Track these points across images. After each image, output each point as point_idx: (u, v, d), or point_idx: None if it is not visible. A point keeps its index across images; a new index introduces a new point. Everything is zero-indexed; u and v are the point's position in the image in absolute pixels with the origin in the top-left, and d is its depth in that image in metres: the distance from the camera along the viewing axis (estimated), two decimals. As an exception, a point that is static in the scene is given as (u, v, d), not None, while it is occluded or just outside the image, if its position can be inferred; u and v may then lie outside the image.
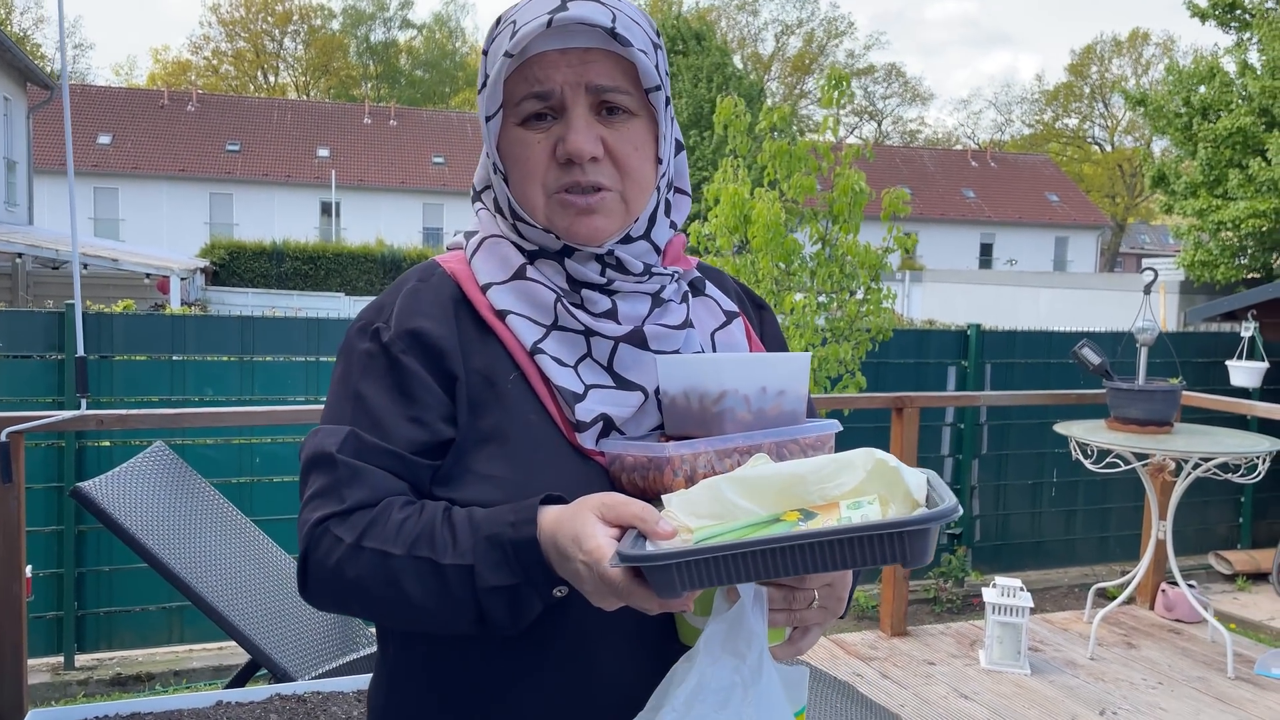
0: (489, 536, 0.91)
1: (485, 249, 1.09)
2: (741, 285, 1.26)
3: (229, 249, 23.31)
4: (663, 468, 0.94)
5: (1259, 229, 13.10)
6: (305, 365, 5.03)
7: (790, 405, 1.02)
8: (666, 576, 0.80)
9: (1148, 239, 53.43)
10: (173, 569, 2.30)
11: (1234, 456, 3.92)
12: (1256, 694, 3.87)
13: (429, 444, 1.01)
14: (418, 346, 1.02)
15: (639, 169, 1.06)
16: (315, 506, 0.98)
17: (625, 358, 1.05)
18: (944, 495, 0.84)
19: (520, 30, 1.01)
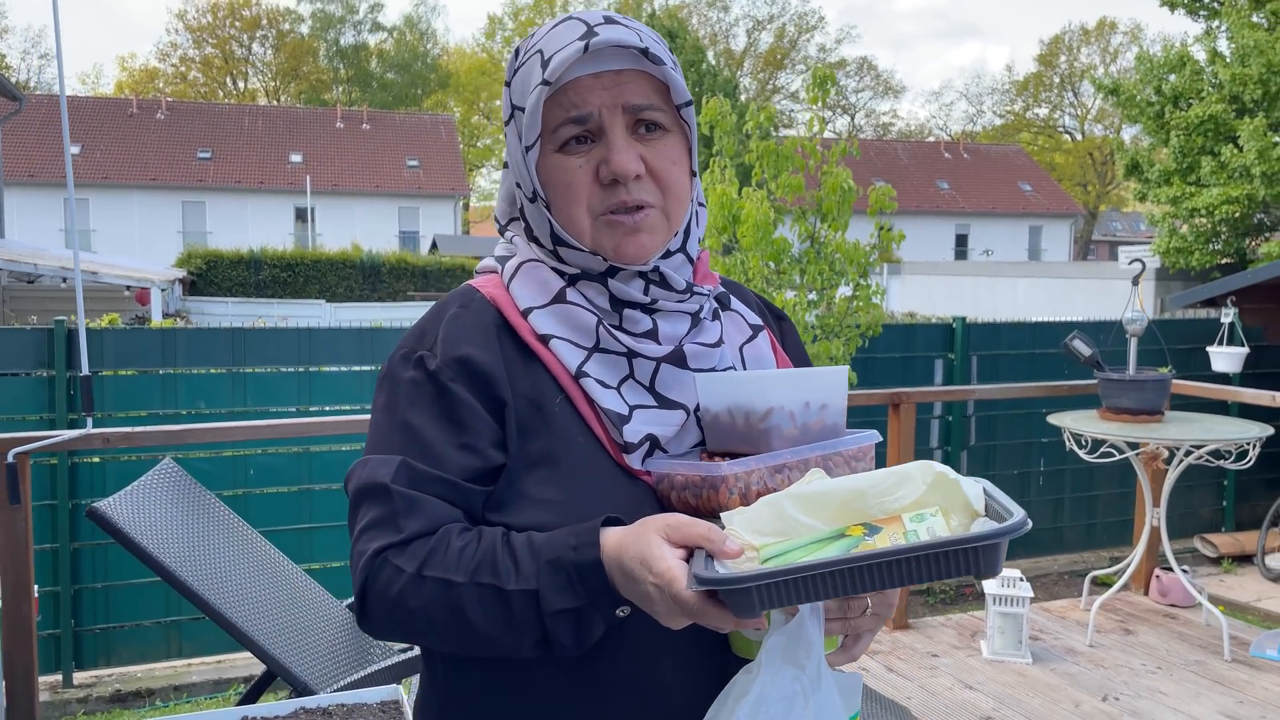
0: (551, 561, 0.92)
1: (523, 273, 1.09)
2: (760, 298, 1.27)
3: (206, 258, 23.12)
4: (717, 486, 0.94)
5: (1232, 215, 13.29)
6: (297, 376, 5.02)
7: (832, 418, 1.03)
8: (747, 598, 0.81)
9: (1120, 226, 53.96)
10: (191, 586, 2.30)
11: (1225, 443, 3.99)
12: (1253, 675, 3.94)
13: (481, 470, 1.01)
14: (466, 374, 1.02)
15: (678, 183, 1.08)
16: (371, 537, 0.98)
17: (666, 377, 1.07)
18: (1006, 504, 0.86)
19: (554, 58, 1.02)
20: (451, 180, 36.18)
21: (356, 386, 5.01)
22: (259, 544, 2.80)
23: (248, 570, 2.60)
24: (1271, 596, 5.23)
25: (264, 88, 50.92)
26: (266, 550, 2.82)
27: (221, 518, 2.73)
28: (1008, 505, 0.86)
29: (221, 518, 2.73)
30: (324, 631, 2.68)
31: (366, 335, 5.14)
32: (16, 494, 2.63)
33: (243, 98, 48.81)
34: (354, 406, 4.93)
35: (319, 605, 2.80)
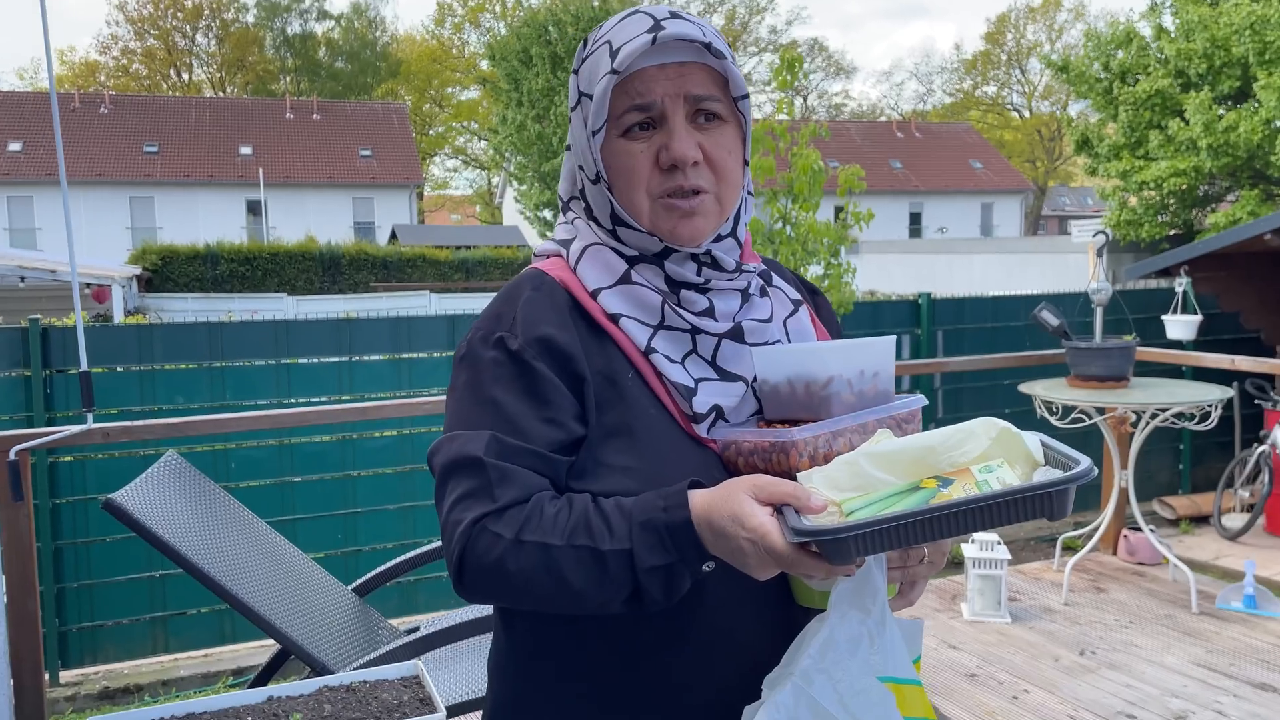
0: (643, 522, 0.99)
1: (589, 256, 1.17)
2: (796, 274, 1.36)
3: (161, 254, 22.73)
4: (788, 450, 1.02)
5: (1179, 187, 13.61)
6: (274, 368, 5.02)
7: (884, 385, 1.12)
8: (844, 547, 0.89)
9: (1068, 201, 54.85)
10: (211, 575, 2.33)
11: (1190, 405, 4.15)
12: (1220, 625, 4.12)
13: (564, 442, 1.08)
14: (547, 352, 1.09)
15: (732, 171, 1.15)
16: (466, 507, 1.04)
17: (726, 352, 1.15)
18: (1067, 453, 0.95)
19: (623, 49, 1.10)
20: (405, 169, 35.86)
21: (334, 377, 5.02)
22: (266, 532, 2.84)
23: (259, 557, 2.64)
24: (1229, 554, 5.43)
25: (209, 79, 49.99)
26: (274, 538, 2.86)
27: (229, 507, 2.77)
28: (1069, 453, 0.95)
29: (229, 507, 2.77)
30: (335, 615, 2.73)
31: (342, 326, 5.15)
32: (19, 490, 2.64)
33: (188, 90, 47.90)
34: (332, 397, 4.95)
35: (327, 589, 2.84)
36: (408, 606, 4.96)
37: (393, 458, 5.01)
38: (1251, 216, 12.64)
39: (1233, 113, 12.78)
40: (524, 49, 30.92)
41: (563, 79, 30.45)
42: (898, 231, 37.64)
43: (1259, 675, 3.65)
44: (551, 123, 30.21)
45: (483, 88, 46.87)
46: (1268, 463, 5.63)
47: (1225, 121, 12.65)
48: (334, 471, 4.93)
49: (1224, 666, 3.72)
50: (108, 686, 4.67)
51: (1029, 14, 51.06)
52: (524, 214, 33.72)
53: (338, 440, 4.94)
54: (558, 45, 30.30)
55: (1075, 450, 0.96)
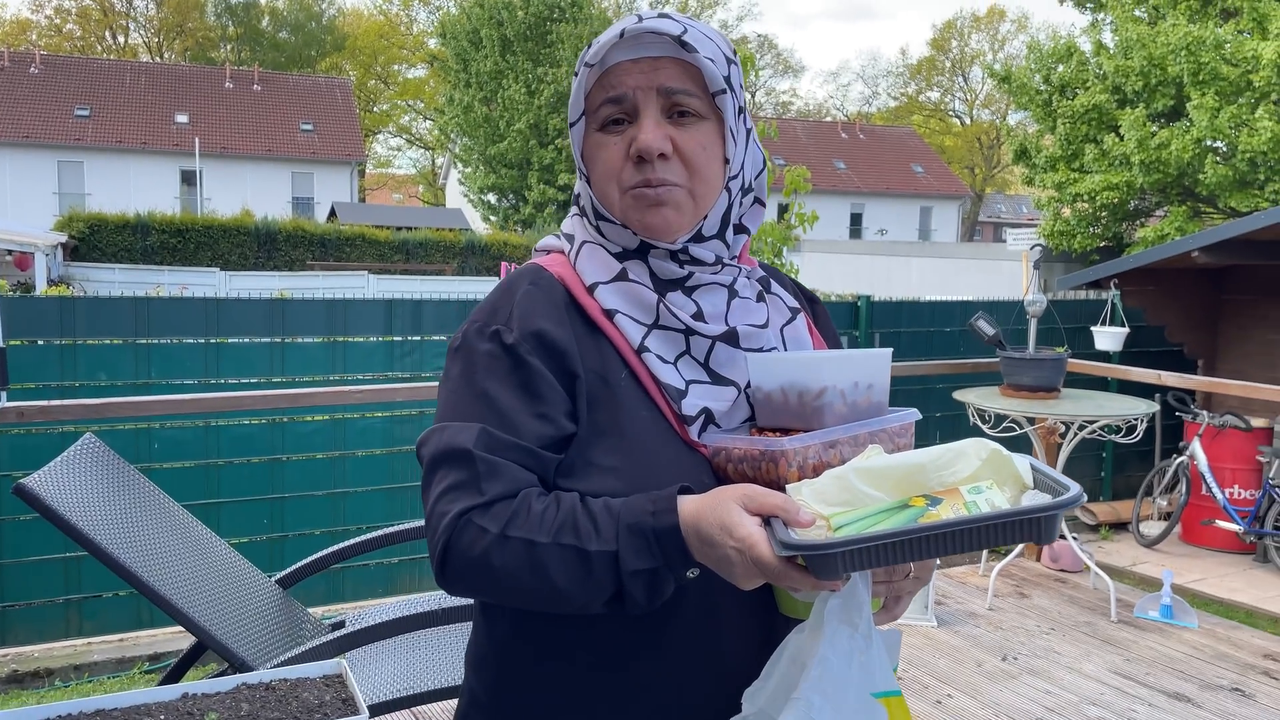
0: (630, 525, 0.99)
1: (586, 252, 1.17)
2: (795, 281, 1.35)
3: (89, 222, 21.99)
4: (778, 460, 1.01)
5: (1111, 200, 13.94)
6: (203, 347, 4.88)
7: (878, 397, 1.11)
8: (831, 562, 0.89)
9: (1004, 209, 55.98)
10: (124, 563, 2.24)
11: (1117, 418, 4.25)
12: (1137, 634, 4.23)
13: (555, 439, 1.07)
14: (542, 347, 1.09)
15: (706, 167, 1.13)
16: (453, 499, 1.03)
17: (720, 355, 1.14)
18: (1055, 478, 0.95)
19: (599, 43, 1.13)
20: (348, 146, 35.25)
21: (265, 359, 4.89)
22: (187, 520, 2.75)
23: (178, 546, 2.55)
24: (1146, 561, 5.58)
25: (145, 43, 48.52)
26: (195, 526, 2.77)
27: (148, 493, 2.67)
28: (1058, 478, 0.95)
29: (148, 493, 2.67)
30: (256, 607, 2.65)
31: (275, 306, 5.02)
32: (-76, 470, 2.51)
33: (123, 53, 46.45)
34: (262, 379, 4.83)
35: (249, 581, 2.76)
36: (333, 594, 4.87)
37: (324, 442, 4.91)
38: (1179, 232, 13.01)
39: (1165, 130, 13.12)
40: (474, 29, 30.58)
41: (511, 63, 30.17)
42: (838, 231, 38.06)
43: (1173, 685, 3.76)
44: (499, 106, 29.93)
45: (430, 66, 46.25)
46: (1185, 473, 5.80)
47: (1158, 139, 12.99)
48: (262, 455, 4.81)
49: (1140, 675, 3.82)
50: (17, 670, 4.51)
51: (973, 23, 51.93)
52: (468, 196, 33.42)
53: (267, 424, 4.82)
54: (508, 28, 30.01)
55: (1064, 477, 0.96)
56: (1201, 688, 3.74)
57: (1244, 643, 4.23)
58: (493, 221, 31.90)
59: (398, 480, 4.95)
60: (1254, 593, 5.03)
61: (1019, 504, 0.93)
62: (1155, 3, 14.45)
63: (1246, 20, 12.77)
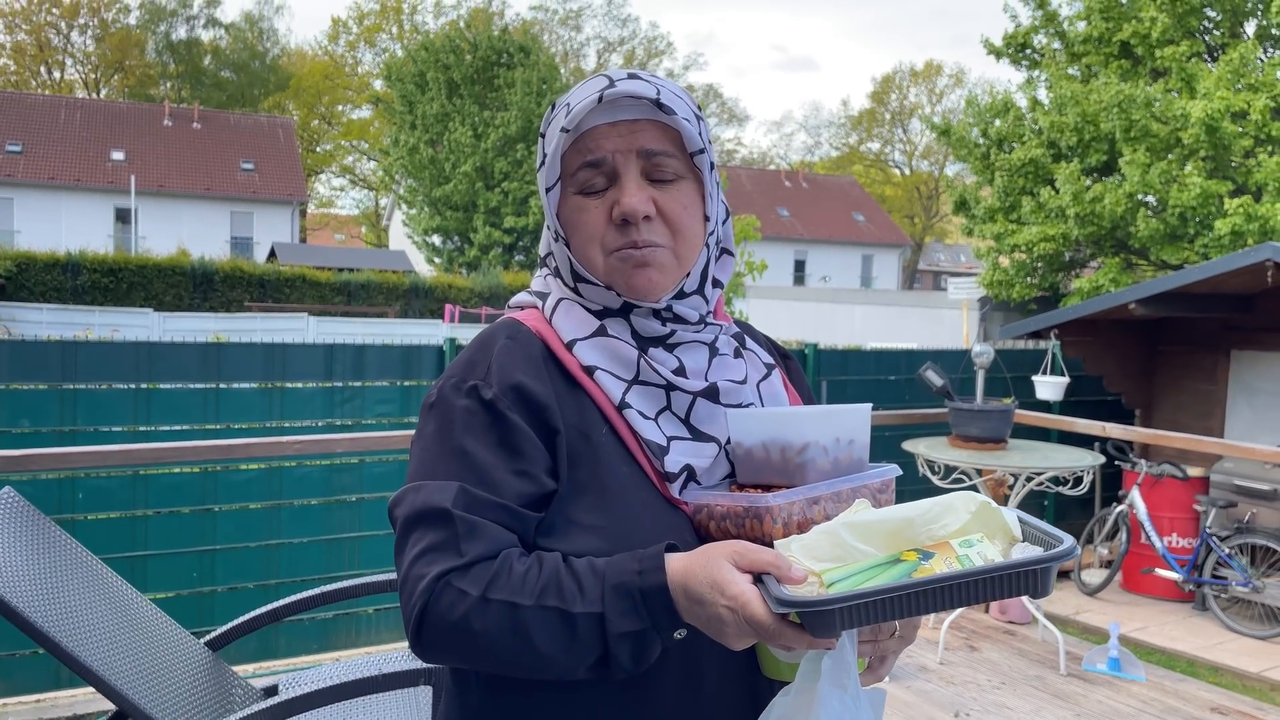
0: (616, 585, 0.96)
1: (563, 309, 1.15)
2: (768, 337, 1.34)
3: (16, 260, 21.34)
4: (762, 516, 0.99)
5: (1048, 251, 14.27)
6: (133, 393, 4.69)
7: (858, 453, 1.10)
8: (829, 620, 0.86)
9: (943, 257, 57.21)
10: (38, 625, 2.10)
11: (1063, 470, 4.27)
12: (1087, 688, 4.22)
13: (535, 496, 1.04)
14: (521, 402, 1.06)
15: (689, 227, 1.13)
16: (430, 561, 0.99)
17: (701, 411, 1.13)
18: (1046, 530, 0.94)
19: (575, 108, 1.11)
20: (289, 185, 34.87)
21: (199, 405, 4.72)
22: (108, 577, 2.60)
23: (98, 606, 2.40)
24: (1088, 609, 5.61)
25: (82, 79, 47.74)
26: (116, 583, 2.61)
27: (67, 549, 2.52)
28: (1047, 529, 0.95)
29: (67, 549, 2.52)
30: (182, 671, 2.50)
31: (210, 350, 4.86)
32: None
33: (59, 89, 45.62)
34: (195, 426, 4.66)
35: (176, 643, 2.61)
36: (265, 651, 4.67)
37: (258, 492, 4.74)
38: (1113, 283, 13.34)
39: (1099, 184, 13.50)
40: (420, 72, 30.60)
41: (458, 105, 30.21)
42: (783, 278, 38.52)
43: (1123, 739, 3.74)
44: (445, 148, 29.90)
45: (375, 108, 46.13)
46: (1125, 522, 5.86)
47: (1092, 192, 13.35)
48: (192, 505, 4.63)
49: (1091, 730, 3.80)
50: (-79, 735, 4.24)
51: (912, 77, 53.34)
52: (412, 238, 33.20)
53: (199, 472, 4.64)
54: (454, 71, 30.08)
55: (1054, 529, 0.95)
56: (1152, 743, 3.73)
57: (1191, 695, 4.24)
58: (437, 264, 31.71)
59: (335, 531, 4.79)
60: (1194, 641, 5.07)
61: (1009, 556, 0.92)
62: (1088, 61, 14.95)
63: (1175, 80, 13.25)
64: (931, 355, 6.74)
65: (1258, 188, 12.56)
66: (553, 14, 49.51)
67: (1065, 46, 15.48)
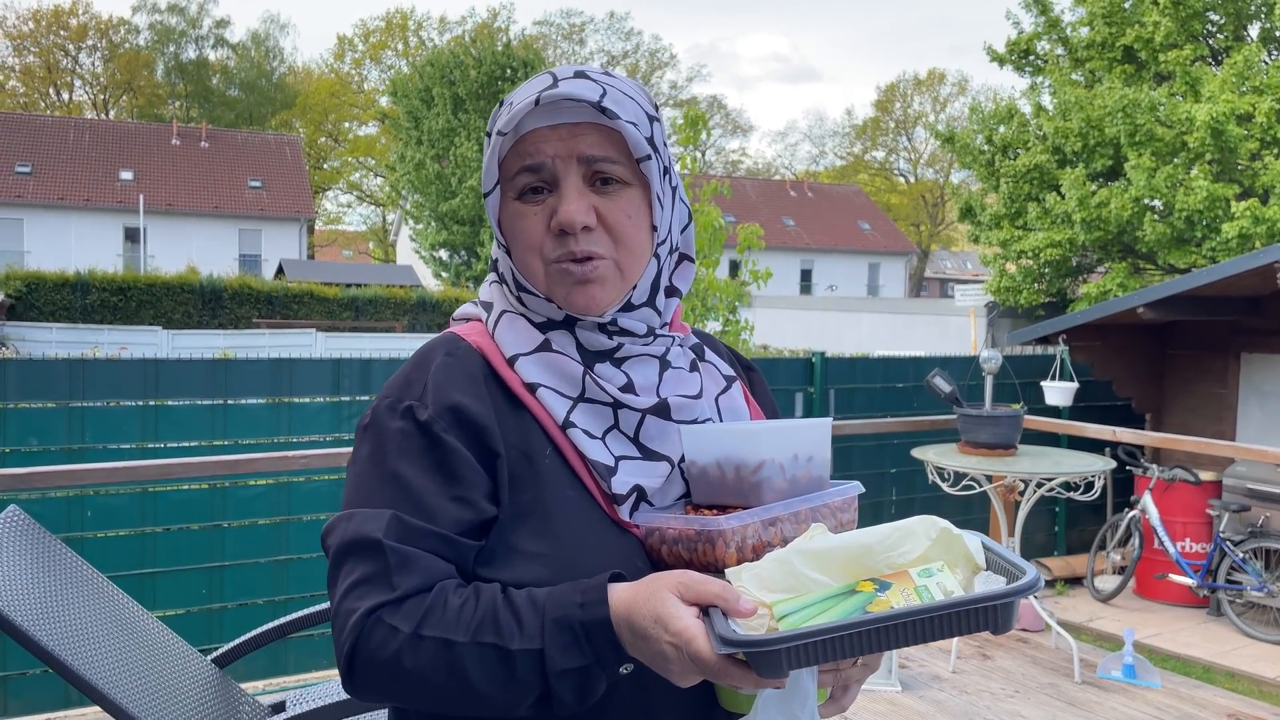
0: (557, 619, 0.90)
1: (505, 322, 1.09)
2: (730, 349, 1.28)
3: (26, 280, 21.47)
4: (714, 540, 0.94)
5: (1054, 257, 14.25)
6: (141, 410, 4.70)
7: (818, 470, 1.04)
8: (775, 659, 0.81)
9: (950, 264, 57.14)
10: (46, 646, 2.09)
11: (1075, 476, 4.24)
12: (1101, 696, 4.18)
13: (474, 523, 0.99)
14: (458, 424, 1.00)
15: (633, 237, 1.06)
16: (360, 595, 0.94)
17: (651, 429, 1.06)
18: (1010, 559, 0.89)
19: (514, 109, 1.05)
20: (296, 203, 35.01)
21: (207, 421, 4.73)
22: (116, 595, 2.59)
23: (105, 625, 2.40)
24: (1102, 616, 5.56)
25: (91, 100, 48.07)
26: (124, 602, 2.61)
27: (74, 568, 2.51)
28: (1013, 560, 0.89)
29: (74, 568, 2.51)
30: (189, 690, 2.49)
31: (218, 367, 4.87)
32: None
33: (68, 110, 45.93)
34: (203, 442, 4.66)
35: (183, 661, 2.61)
36: (275, 667, 4.65)
37: (267, 507, 4.73)
38: (1120, 288, 13.30)
39: (1105, 189, 13.48)
40: (426, 88, 30.73)
41: (464, 120, 30.33)
42: (789, 287, 38.50)
43: (1139, 747, 3.70)
44: (451, 163, 30.01)
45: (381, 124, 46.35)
46: (1138, 527, 5.81)
47: (1098, 197, 13.33)
48: (201, 521, 4.62)
49: (1106, 738, 3.77)
50: (-68, 756, 4.24)
51: (915, 85, 53.38)
52: (419, 253, 33.28)
53: (207, 488, 4.64)
54: (460, 86, 30.21)
55: (1019, 559, 0.89)
56: (1168, 750, 3.69)
57: (1207, 702, 4.19)
58: (444, 278, 31.77)
59: (344, 546, 4.79)
60: (1209, 647, 5.02)
61: (971, 586, 0.88)
62: (1092, 66, 14.95)
63: (1179, 84, 13.23)
64: (939, 362, 6.71)
65: (1265, 190, 12.52)
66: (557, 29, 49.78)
67: (1068, 52, 15.48)
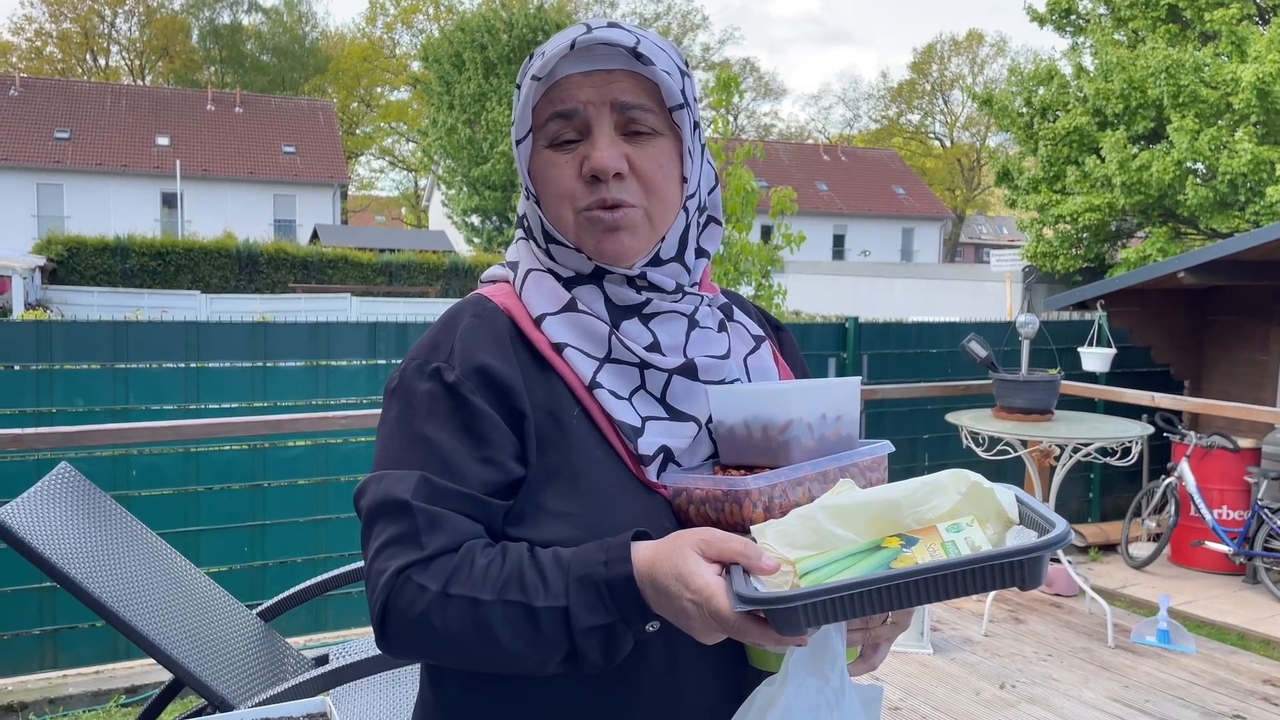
0: (581, 577, 0.91)
1: (532, 281, 1.09)
2: (760, 309, 1.28)
3: (67, 245, 21.79)
4: (741, 500, 0.94)
5: (1093, 222, 14.02)
6: (183, 372, 4.78)
7: (846, 429, 1.04)
8: (793, 617, 0.80)
9: (985, 230, 56.38)
10: (98, 597, 2.16)
11: (1112, 441, 4.21)
12: (1135, 660, 4.18)
13: (502, 484, 1.00)
14: (486, 385, 1.01)
15: (663, 186, 1.06)
16: (391, 555, 0.95)
17: (678, 389, 1.07)
18: (1043, 513, 0.87)
19: (548, 54, 1.04)
20: (330, 168, 35.16)
21: (246, 383, 4.80)
22: (165, 551, 2.66)
23: (156, 580, 2.47)
24: (1135, 583, 5.54)
25: (127, 65, 48.39)
26: (172, 556, 2.68)
27: (124, 523, 2.58)
28: (1046, 514, 0.86)
29: (124, 523, 2.58)
30: (236, 642, 2.56)
31: (257, 330, 4.93)
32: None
33: (105, 76, 46.29)
34: (243, 404, 4.74)
35: (229, 613, 2.68)
36: (315, 624, 4.76)
37: (306, 468, 4.82)
38: (1160, 253, 13.08)
39: (1146, 152, 13.23)
40: (457, 52, 30.63)
41: (495, 85, 30.23)
42: (821, 252, 38.21)
43: (1173, 712, 3.70)
44: (482, 128, 29.96)
45: (413, 89, 46.31)
46: (1174, 494, 5.77)
47: (1139, 161, 13.08)
48: (243, 481, 4.72)
49: (1139, 702, 3.77)
50: (-12, 705, 4.38)
51: (953, 46, 52.46)
52: (451, 218, 33.37)
53: (248, 449, 4.72)
54: (491, 50, 30.08)
55: (1050, 512, 0.87)
56: (1202, 714, 3.69)
57: (1242, 668, 4.18)
58: (476, 243, 31.85)
59: (382, 506, 4.86)
60: (1245, 614, 4.99)
61: (1002, 542, 0.85)
62: (1135, 26, 14.61)
63: (1225, 44, 12.91)
64: (975, 327, 6.66)
65: (1312, 153, 12.22)
66: (588, -9, 49.28)
67: (1111, 11, 15.12)
